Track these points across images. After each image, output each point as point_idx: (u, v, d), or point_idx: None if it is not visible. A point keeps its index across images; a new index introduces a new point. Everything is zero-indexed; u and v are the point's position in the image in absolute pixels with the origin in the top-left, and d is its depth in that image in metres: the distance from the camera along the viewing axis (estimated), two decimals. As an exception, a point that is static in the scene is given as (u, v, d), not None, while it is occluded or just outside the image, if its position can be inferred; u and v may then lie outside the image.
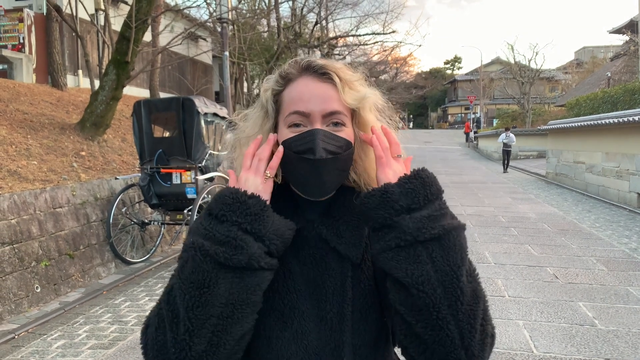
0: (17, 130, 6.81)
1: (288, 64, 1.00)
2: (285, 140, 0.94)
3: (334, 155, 0.91)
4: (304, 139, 0.91)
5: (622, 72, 27.21)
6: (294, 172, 0.94)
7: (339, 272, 0.94)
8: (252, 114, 1.03)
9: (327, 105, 0.92)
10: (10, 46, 11.36)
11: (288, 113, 0.94)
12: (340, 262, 0.95)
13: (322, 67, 0.95)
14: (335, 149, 0.92)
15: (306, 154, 0.90)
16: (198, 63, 20.38)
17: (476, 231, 7.42)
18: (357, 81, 0.98)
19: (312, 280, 0.94)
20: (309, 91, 0.93)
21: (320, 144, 0.90)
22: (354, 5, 19.87)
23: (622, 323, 3.92)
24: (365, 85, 0.99)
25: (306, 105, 0.92)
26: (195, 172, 5.90)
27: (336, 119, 0.94)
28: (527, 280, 5.06)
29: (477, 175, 16.80)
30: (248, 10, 18.18)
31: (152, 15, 8.81)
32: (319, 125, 0.92)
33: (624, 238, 7.01)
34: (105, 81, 7.87)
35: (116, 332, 4.01)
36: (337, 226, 0.96)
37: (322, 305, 0.93)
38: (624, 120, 9.77)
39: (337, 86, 0.93)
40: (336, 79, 0.94)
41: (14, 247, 4.52)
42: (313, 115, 0.92)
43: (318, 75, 0.94)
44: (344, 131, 0.94)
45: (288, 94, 0.96)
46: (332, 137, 0.92)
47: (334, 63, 0.97)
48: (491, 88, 43.16)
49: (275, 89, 0.98)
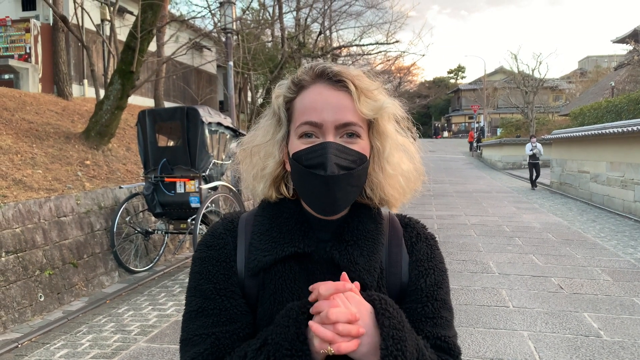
0: (23, 139, 6.85)
1: (302, 69, 0.94)
2: (295, 152, 0.89)
3: (346, 171, 0.86)
4: (315, 152, 0.86)
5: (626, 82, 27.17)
6: (304, 187, 0.89)
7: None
8: (263, 122, 0.98)
9: (341, 115, 0.87)
10: (16, 56, 11.47)
11: (299, 123, 0.88)
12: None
13: (338, 74, 0.89)
14: (348, 164, 0.86)
15: (317, 169, 0.85)
16: (202, 73, 20.50)
17: (480, 241, 7.39)
18: (375, 90, 0.91)
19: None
20: (323, 100, 0.87)
21: (332, 159, 0.84)
22: (358, 15, 20.12)
23: (627, 334, 3.88)
24: (385, 94, 0.93)
25: (319, 115, 0.86)
26: (199, 181, 5.92)
27: (351, 130, 0.88)
28: (532, 290, 5.03)
29: (481, 184, 16.76)
30: (252, 21, 18.30)
31: (157, 25, 8.88)
32: (331, 137, 0.86)
33: (629, 248, 6.97)
34: (111, 91, 7.93)
35: (119, 342, 4.00)
36: (350, 251, 0.91)
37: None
38: (628, 129, 9.75)
39: (353, 95, 0.88)
40: (352, 87, 0.88)
41: (18, 255, 4.53)
42: (325, 126, 0.86)
43: (333, 83, 0.89)
44: (358, 144, 0.89)
45: (300, 102, 0.90)
46: (345, 150, 0.86)
47: (350, 70, 0.91)
48: (495, 97, 43.23)
49: (288, 96, 0.93)
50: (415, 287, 0.94)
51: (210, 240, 0.96)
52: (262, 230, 0.94)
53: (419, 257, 0.97)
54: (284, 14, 17.13)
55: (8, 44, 11.59)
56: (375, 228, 0.95)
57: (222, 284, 0.92)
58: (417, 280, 0.95)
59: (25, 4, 13.15)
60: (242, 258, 0.94)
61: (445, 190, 14.61)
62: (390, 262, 0.96)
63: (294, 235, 0.91)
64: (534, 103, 30.63)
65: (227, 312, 0.90)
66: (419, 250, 0.98)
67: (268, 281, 0.90)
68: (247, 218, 0.99)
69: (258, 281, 0.92)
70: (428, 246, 0.99)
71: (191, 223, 5.93)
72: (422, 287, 0.94)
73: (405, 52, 36.35)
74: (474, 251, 6.72)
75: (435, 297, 0.94)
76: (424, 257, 0.97)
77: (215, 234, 0.97)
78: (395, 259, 0.96)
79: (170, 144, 6.54)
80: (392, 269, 0.95)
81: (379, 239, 0.94)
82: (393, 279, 0.95)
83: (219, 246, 0.95)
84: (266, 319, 0.90)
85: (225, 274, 0.92)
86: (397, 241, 0.98)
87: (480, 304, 4.61)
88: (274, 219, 0.94)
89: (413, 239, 0.99)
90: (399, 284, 0.95)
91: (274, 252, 0.90)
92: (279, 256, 0.90)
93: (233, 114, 9.66)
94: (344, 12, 19.34)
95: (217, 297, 0.91)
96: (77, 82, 13.27)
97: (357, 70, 0.94)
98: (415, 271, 0.95)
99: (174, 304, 4.94)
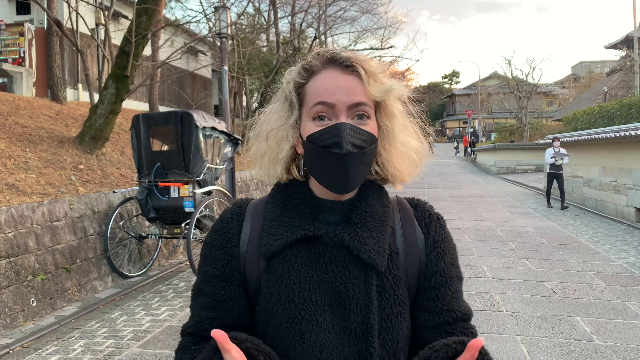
0: (16, 143, 6.82)
1: (311, 55, 0.99)
2: (310, 134, 0.93)
3: (360, 150, 0.91)
4: (330, 132, 0.90)
5: (618, 87, 27.43)
6: (319, 167, 0.93)
7: (363, 281, 0.92)
8: (275, 107, 1.01)
9: (353, 96, 0.91)
10: (10, 60, 11.44)
11: (312, 104, 0.93)
12: (363, 271, 0.93)
13: (348, 59, 0.94)
14: (361, 143, 0.91)
15: (333, 148, 0.89)
16: (197, 77, 20.49)
17: (474, 245, 7.41)
18: (381, 73, 0.96)
19: (334, 290, 0.92)
20: (335, 83, 0.92)
21: (347, 138, 0.89)
22: (353, 20, 20.02)
23: (620, 338, 3.90)
24: (390, 78, 0.98)
25: (331, 96, 0.91)
26: (193, 185, 5.91)
27: (361, 111, 0.93)
28: (525, 294, 5.04)
29: (475, 189, 16.81)
30: (247, 25, 18.34)
31: (152, 30, 8.88)
32: (344, 118, 0.91)
33: (622, 252, 7.01)
34: (105, 95, 7.91)
35: (112, 347, 3.98)
36: (360, 233, 0.94)
37: (345, 315, 0.91)
38: (621, 134, 9.82)
39: (363, 78, 0.92)
40: (361, 71, 0.93)
41: (10, 260, 4.51)
42: (338, 107, 0.91)
43: (343, 68, 0.93)
44: (368, 124, 0.93)
45: (312, 86, 0.94)
46: (358, 131, 0.91)
47: (358, 55, 0.96)
48: (489, 102, 43.39)
49: (298, 82, 0.97)
50: (437, 268, 0.98)
51: (218, 226, 1.01)
52: (273, 216, 0.97)
53: (435, 237, 1.00)
54: (279, 18, 17.19)
55: (2, 48, 11.56)
56: (383, 210, 0.99)
57: (220, 270, 0.96)
58: (437, 261, 0.98)
59: (20, 8, 13.13)
60: (245, 242, 0.97)
61: (439, 194, 14.64)
62: (407, 243, 0.99)
63: (304, 219, 0.94)
64: (528, 108, 30.77)
65: (215, 298, 0.95)
66: (434, 231, 1.01)
67: (275, 265, 0.93)
68: (256, 204, 1.02)
69: (260, 265, 0.95)
70: (441, 226, 1.03)
71: (185, 228, 5.92)
72: (443, 268, 0.98)
73: (399, 57, 36.48)
74: (467, 255, 6.73)
75: (455, 275, 1.00)
76: (440, 238, 1.01)
77: (223, 218, 1.02)
78: (411, 239, 1.00)
79: (164, 149, 6.53)
80: (409, 249, 0.99)
81: (386, 221, 0.98)
82: (412, 259, 0.98)
83: (223, 230, 0.99)
84: (273, 301, 0.92)
85: (225, 260, 0.97)
86: (410, 222, 1.02)
87: (473, 309, 4.58)
88: (285, 204, 0.98)
89: (426, 219, 1.02)
90: (418, 263, 0.98)
91: (285, 235, 0.94)
92: (289, 239, 0.93)
93: (228, 118, 9.65)
94: (339, 17, 19.40)
95: (213, 281, 0.96)
96: (71, 86, 13.24)
97: (364, 55, 0.99)
98: (434, 252, 0.99)
99: (168, 309, 4.92)
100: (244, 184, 10.89)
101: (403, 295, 0.95)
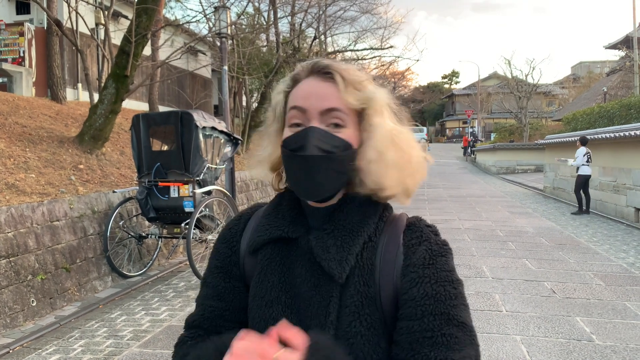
0: (16, 143, 6.82)
1: (299, 66, 1.00)
2: (284, 139, 0.93)
3: (327, 154, 0.88)
4: (299, 136, 0.90)
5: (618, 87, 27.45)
6: (290, 171, 0.93)
7: (325, 291, 0.89)
8: (268, 113, 1.04)
9: (325, 102, 0.90)
10: (10, 59, 11.44)
11: (288, 110, 0.95)
12: (328, 280, 0.89)
13: (326, 67, 0.93)
14: (329, 148, 0.89)
15: (298, 151, 0.89)
16: (197, 77, 20.50)
17: (474, 245, 7.41)
18: (364, 81, 0.94)
19: (302, 295, 0.91)
20: (310, 89, 0.92)
21: (312, 142, 0.88)
22: (352, 20, 20.00)
23: (619, 338, 3.91)
24: (375, 86, 0.95)
25: (305, 101, 0.91)
26: (193, 185, 5.91)
27: (335, 118, 0.90)
28: (525, 295, 5.05)
29: (475, 189, 16.82)
30: (247, 25, 18.33)
31: (152, 29, 8.88)
32: (316, 123, 0.90)
33: (622, 252, 7.02)
34: (105, 95, 7.91)
35: (112, 347, 3.98)
36: (325, 240, 0.91)
37: (307, 322, 0.89)
38: (621, 135, 9.83)
39: (339, 85, 0.91)
40: (338, 78, 0.91)
41: (10, 260, 4.51)
42: (310, 112, 0.91)
43: (322, 75, 0.93)
44: (343, 132, 0.91)
45: (292, 94, 0.96)
46: (328, 135, 0.90)
47: (339, 64, 0.95)
48: (489, 102, 43.42)
49: (286, 91, 0.99)
50: (408, 297, 0.87)
51: (230, 222, 1.07)
52: (265, 214, 1.01)
53: (413, 261, 0.89)
54: (279, 18, 17.17)
55: (2, 48, 11.56)
56: (360, 220, 0.92)
57: (221, 262, 1.01)
58: (410, 288, 0.87)
59: (20, 8, 13.13)
60: (246, 238, 1.01)
61: (439, 194, 14.65)
62: (384, 260, 0.90)
63: (284, 220, 0.96)
64: (528, 108, 30.80)
65: (217, 289, 0.99)
66: (415, 254, 0.90)
67: (259, 262, 0.97)
68: (264, 207, 1.06)
69: (255, 261, 0.98)
70: (428, 251, 0.90)
71: (185, 227, 5.92)
72: (414, 297, 0.86)
73: (399, 57, 36.47)
74: (467, 255, 6.74)
75: (432, 312, 0.85)
76: (419, 262, 0.88)
77: (236, 217, 1.07)
78: (389, 258, 0.91)
79: (164, 149, 6.53)
80: (385, 266, 0.90)
81: (359, 232, 0.91)
82: (387, 278, 0.89)
83: (232, 226, 1.05)
84: (251, 296, 0.96)
85: (227, 253, 1.01)
86: (395, 239, 0.92)
87: (473, 309, 4.63)
88: (276, 206, 1.01)
89: (413, 241, 0.92)
90: (392, 285, 0.89)
91: (265, 234, 0.96)
92: (266, 238, 0.96)
93: (227, 118, 9.65)
94: (339, 17, 19.38)
95: (216, 273, 1.01)
96: (71, 86, 13.24)
97: (348, 64, 0.97)
98: (408, 277, 0.88)
99: (167, 309, 4.92)
100: (243, 183, 10.90)
101: (369, 315, 0.87)
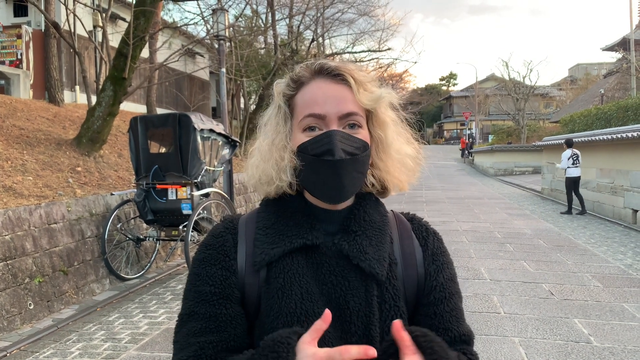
0: (13, 145, 6.81)
1: (299, 67, 0.97)
2: (300, 144, 0.91)
3: (352, 156, 0.89)
4: (321, 141, 0.88)
5: (615, 89, 27.52)
6: (312, 176, 0.91)
7: (363, 292, 0.89)
8: (271, 120, 0.98)
9: (343, 106, 0.90)
10: (7, 62, 11.43)
11: (302, 116, 0.91)
12: (363, 281, 0.90)
13: (336, 69, 0.93)
14: (353, 150, 0.89)
15: (325, 155, 0.87)
16: (195, 79, 20.49)
17: (472, 247, 7.41)
18: (370, 82, 0.95)
19: (334, 301, 0.88)
20: (323, 93, 0.91)
21: (338, 145, 0.87)
22: (350, 23, 20.08)
23: (617, 340, 3.91)
24: (378, 86, 0.97)
25: (322, 108, 0.90)
26: (191, 188, 5.91)
27: (352, 121, 0.91)
28: (523, 296, 5.05)
29: (473, 190, 16.83)
30: (245, 28, 18.34)
31: (150, 32, 8.88)
32: (335, 126, 0.90)
33: (619, 254, 7.02)
34: (102, 97, 7.91)
35: (109, 350, 3.97)
36: (359, 241, 0.91)
37: (346, 327, 0.87)
38: (618, 136, 9.86)
39: (352, 87, 0.91)
40: (351, 80, 0.91)
41: (8, 263, 4.49)
42: (329, 117, 0.89)
43: (331, 77, 0.92)
44: (360, 133, 0.92)
45: (301, 98, 0.93)
46: (349, 138, 0.90)
47: (347, 64, 0.95)
48: (486, 104, 43.52)
49: (287, 93, 0.96)
50: (436, 283, 0.96)
51: (210, 241, 0.95)
52: (267, 225, 0.94)
53: (433, 250, 0.99)
54: (277, 21, 17.17)
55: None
56: (381, 219, 0.97)
57: (219, 287, 0.90)
58: (436, 275, 0.96)
59: (17, 10, 13.12)
60: (242, 255, 0.93)
61: (437, 196, 14.66)
62: (404, 254, 0.97)
63: (301, 227, 0.92)
64: (525, 110, 30.90)
65: (216, 319, 0.88)
66: (432, 244, 1.00)
67: (275, 276, 0.89)
68: (248, 217, 0.98)
69: (260, 277, 0.91)
70: (438, 240, 1.01)
71: (183, 230, 5.91)
72: (441, 283, 0.96)
73: (397, 59, 36.51)
74: (465, 257, 6.74)
75: (454, 292, 0.97)
76: (438, 251, 0.99)
77: (215, 233, 0.96)
78: (409, 251, 0.97)
79: (162, 151, 6.52)
80: (407, 260, 0.97)
81: (385, 230, 0.96)
82: (410, 271, 0.96)
83: (218, 245, 0.94)
84: (273, 314, 0.87)
85: (224, 275, 0.91)
86: (407, 233, 1.00)
87: (471, 310, 4.63)
88: (279, 213, 0.95)
89: (423, 233, 1.01)
90: (416, 276, 0.96)
91: (282, 244, 0.90)
92: (287, 248, 0.90)
93: (225, 120, 9.65)
94: (337, 19, 19.45)
95: (212, 300, 0.89)
96: (68, 88, 13.23)
97: (353, 64, 0.98)
98: (433, 265, 0.97)
99: (165, 312, 4.91)
100: (241, 186, 10.89)
101: (403, 307, 0.92)
